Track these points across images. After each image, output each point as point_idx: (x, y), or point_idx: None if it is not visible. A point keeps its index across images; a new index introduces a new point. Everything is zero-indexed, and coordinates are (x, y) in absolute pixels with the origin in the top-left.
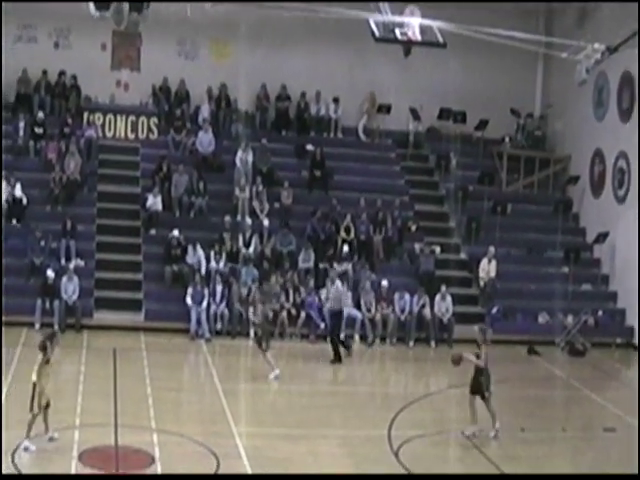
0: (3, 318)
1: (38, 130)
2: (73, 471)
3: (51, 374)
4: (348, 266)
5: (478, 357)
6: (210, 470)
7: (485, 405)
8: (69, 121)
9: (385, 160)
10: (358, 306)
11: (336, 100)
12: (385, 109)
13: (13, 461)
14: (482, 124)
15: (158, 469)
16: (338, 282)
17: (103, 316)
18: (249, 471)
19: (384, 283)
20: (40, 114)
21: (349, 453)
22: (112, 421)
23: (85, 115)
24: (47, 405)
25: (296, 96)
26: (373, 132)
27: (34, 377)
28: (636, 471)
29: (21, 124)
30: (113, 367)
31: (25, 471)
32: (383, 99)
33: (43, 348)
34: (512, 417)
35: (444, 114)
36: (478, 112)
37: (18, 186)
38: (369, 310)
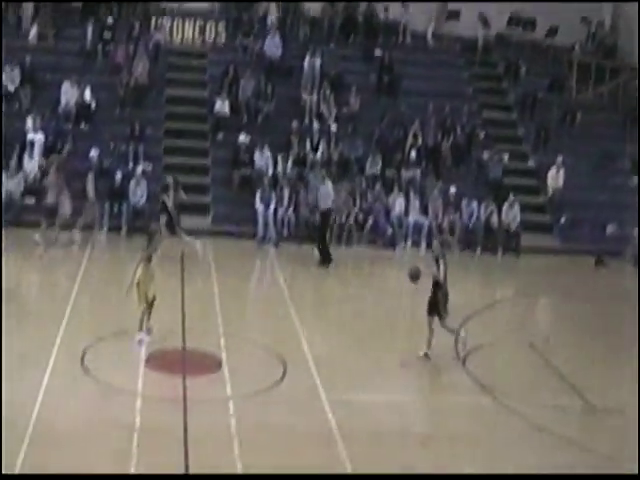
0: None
1: (107, 34)
2: (141, 375)
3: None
4: (416, 172)
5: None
6: (277, 376)
7: (441, 324)
8: (137, 25)
9: (453, 66)
10: (425, 212)
11: (405, 5)
12: (454, 15)
13: (82, 363)
14: (552, 31)
15: (225, 373)
16: (328, 181)
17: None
18: (316, 378)
19: (452, 190)
20: (109, 18)
21: (414, 362)
22: (180, 325)
23: (153, 19)
24: (153, 300)
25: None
26: (442, 38)
27: (137, 275)
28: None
29: (89, 28)
30: (181, 271)
31: (94, 373)
32: (452, 5)
33: (147, 244)
34: (578, 330)
35: (513, 21)
36: (548, 19)
37: (87, 90)
38: (436, 217)
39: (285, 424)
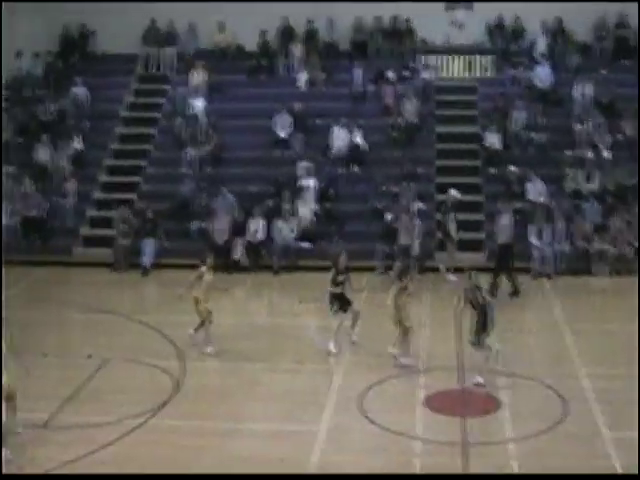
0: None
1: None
2: (418, 416)
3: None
4: None
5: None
6: (557, 413)
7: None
8: (408, 64)
9: None
10: None
11: None
12: None
13: (361, 404)
14: None
15: (505, 414)
16: (505, 215)
17: (444, 257)
18: (599, 415)
19: None
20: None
21: None
22: (456, 364)
23: (420, 58)
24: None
25: (636, 23)
26: None
27: (389, 301)
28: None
29: (357, 71)
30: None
31: (373, 416)
32: None
33: (399, 277)
34: None
35: None
36: None
37: (358, 132)
38: None
39: (568, 466)
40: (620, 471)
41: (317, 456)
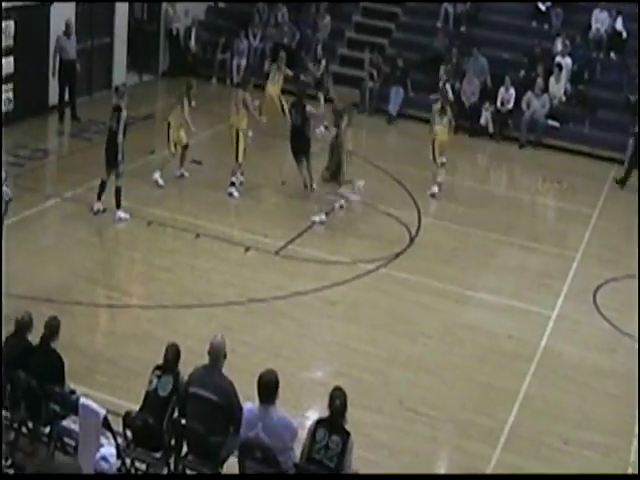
0: None
1: None
2: None
3: None
4: None
5: None
6: None
7: None
8: None
9: None
10: None
11: None
12: None
13: (595, 299)
14: None
15: None
16: None
17: None
18: None
19: None
20: None
21: None
22: None
23: None
24: None
25: None
26: None
27: None
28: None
29: None
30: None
31: (605, 313)
32: None
33: None
34: None
35: None
36: None
37: (619, 18)
38: None
39: None
40: None
41: (545, 341)
